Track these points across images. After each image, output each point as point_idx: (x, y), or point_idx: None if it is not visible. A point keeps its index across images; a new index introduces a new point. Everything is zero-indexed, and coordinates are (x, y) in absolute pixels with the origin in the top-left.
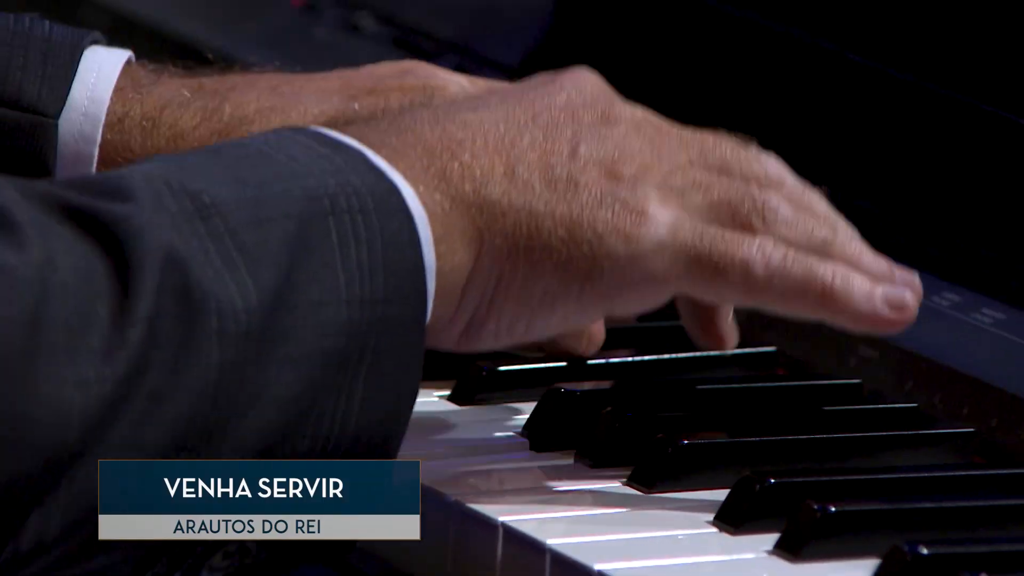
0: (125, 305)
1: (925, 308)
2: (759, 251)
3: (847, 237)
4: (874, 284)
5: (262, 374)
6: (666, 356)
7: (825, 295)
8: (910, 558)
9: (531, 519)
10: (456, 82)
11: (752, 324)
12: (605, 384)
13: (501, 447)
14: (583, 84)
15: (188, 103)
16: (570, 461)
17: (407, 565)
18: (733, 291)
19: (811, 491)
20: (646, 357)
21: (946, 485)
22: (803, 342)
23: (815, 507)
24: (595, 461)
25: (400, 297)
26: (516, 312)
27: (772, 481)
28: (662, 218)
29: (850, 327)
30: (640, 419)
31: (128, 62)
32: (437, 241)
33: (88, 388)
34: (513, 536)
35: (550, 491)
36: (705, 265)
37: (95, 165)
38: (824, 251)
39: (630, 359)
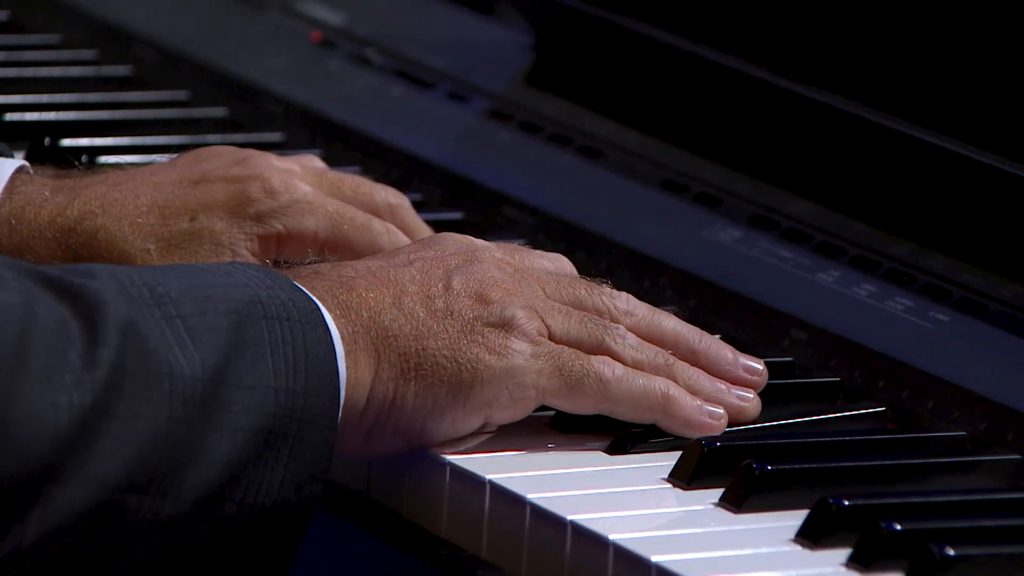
0: (92, 353)
1: (847, 298)
2: (608, 367)
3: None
4: (703, 399)
5: (203, 436)
6: None
7: (667, 399)
8: (835, 509)
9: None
10: (282, 173)
11: (702, 310)
12: None
13: None
14: (445, 241)
15: (46, 202)
16: None
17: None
18: (591, 400)
19: (751, 452)
20: None
21: (865, 447)
22: (743, 326)
23: (754, 466)
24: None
25: (318, 393)
26: (411, 419)
27: (718, 444)
28: (528, 332)
29: (683, 432)
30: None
31: (19, 169)
32: (345, 355)
33: (60, 411)
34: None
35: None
36: (567, 375)
37: None
38: (667, 373)
39: None
